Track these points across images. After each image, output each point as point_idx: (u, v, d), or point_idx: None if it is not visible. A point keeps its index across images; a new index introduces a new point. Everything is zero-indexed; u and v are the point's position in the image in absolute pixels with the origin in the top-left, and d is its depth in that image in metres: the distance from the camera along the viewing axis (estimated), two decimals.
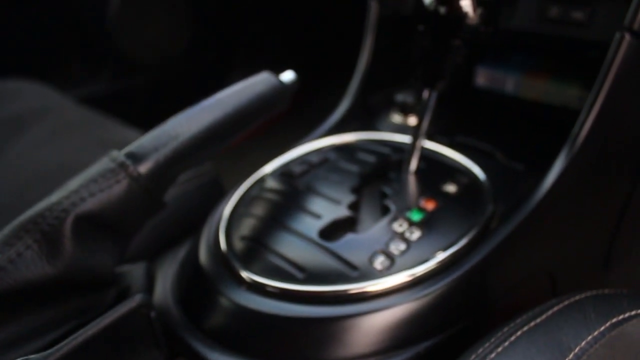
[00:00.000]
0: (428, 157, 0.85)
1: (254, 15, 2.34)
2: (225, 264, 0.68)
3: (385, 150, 0.88)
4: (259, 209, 0.76)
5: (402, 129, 0.99)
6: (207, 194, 0.96)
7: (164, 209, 0.66)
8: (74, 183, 0.58)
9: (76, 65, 1.92)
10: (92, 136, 1.13)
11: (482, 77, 1.14)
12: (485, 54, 1.09)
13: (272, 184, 0.82)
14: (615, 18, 0.77)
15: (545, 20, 0.87)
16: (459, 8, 0.65)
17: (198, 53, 2.19)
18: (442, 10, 0.66)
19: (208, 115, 0.66)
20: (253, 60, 2.37)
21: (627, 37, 0.75)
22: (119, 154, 0.61)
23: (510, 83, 1.10)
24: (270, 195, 0.79)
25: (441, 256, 0.66)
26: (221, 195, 0.92)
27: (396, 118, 1.02)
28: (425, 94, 0.77)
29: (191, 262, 0.73)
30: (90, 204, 0.57)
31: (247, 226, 0.74)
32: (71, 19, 1.83)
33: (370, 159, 0.85)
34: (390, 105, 1.05)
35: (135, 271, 0.71)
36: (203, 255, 0.71)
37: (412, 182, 0.79)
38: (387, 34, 1.09)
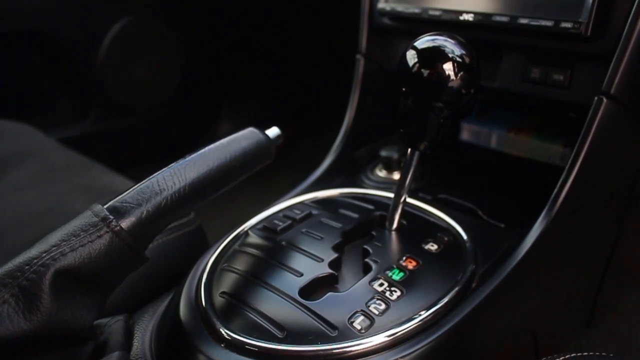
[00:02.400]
0: (410, 215, 0.86)
1: (242, 65, 2.36)
2: (204, 321, 0.67)
3: (368, 206, 0.88)
4: (240, 265, 0.76)
5: (387, 183, 0.99)
6: (190, 244, 0.95)
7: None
8: (54, 237, 0.58)
9: (61, 106, 1.92)
10: (76, 181, 1.12)
11: (466, 133, 1.16)
12: (469, 112, 1.11)
13: (254, 239, 0.81)
14: (594, 81, 0.79)
15: (528, 81, 0.89)
16: (442, 71, 0.66)
17: (185, 98, 2.20)
18: (425, 72, 0.67)
19: (192, 171, 0.66)
20: (240, 107, 2.38)
21: (605, 100, 0.77)
22: (102, 208, 0.60)
23: (494, 138, 1.12)
24: (252, 251, 0.79)
25: (422, 316, 0.65)
26: (204, 245, 0.91)
27: (381, 173, 1.03)
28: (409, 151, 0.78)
29: (170, 317, 0.72)
30: (70, 259, 0.56)
31: (227, 282, 0.73)
32: (57, 60, 1.84)
33: (353, 214, 0.85)
34: (375, 159, 1.06)
35: (113, 325, 0.70)
36: (182, 311, 0.70)
37: (393, 240, 0.80)
38: (374, 89, 1.10)
